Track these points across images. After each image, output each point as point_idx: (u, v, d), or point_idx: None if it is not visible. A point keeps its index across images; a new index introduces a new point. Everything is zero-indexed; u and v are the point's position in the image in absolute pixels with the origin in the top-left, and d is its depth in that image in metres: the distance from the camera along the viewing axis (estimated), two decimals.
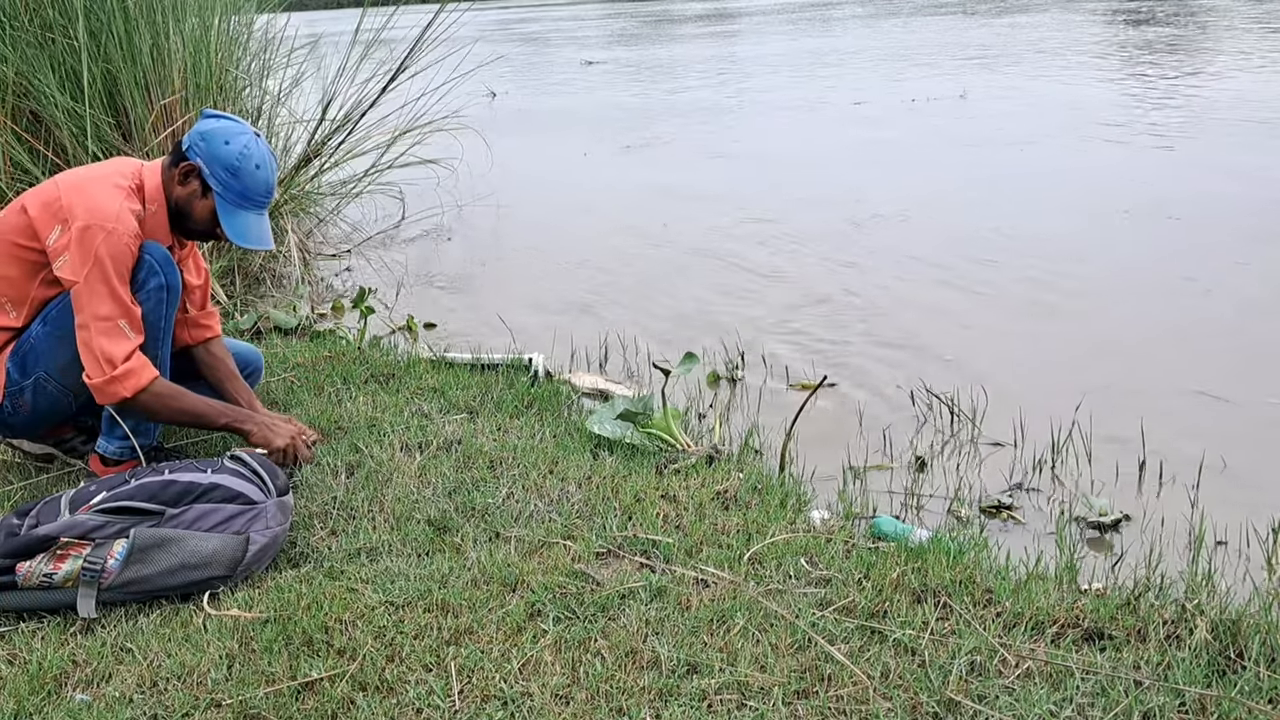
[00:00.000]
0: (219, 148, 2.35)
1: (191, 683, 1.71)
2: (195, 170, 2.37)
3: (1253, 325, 3.59)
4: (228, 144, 2.35)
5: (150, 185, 2.42)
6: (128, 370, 2.23)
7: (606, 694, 1.64)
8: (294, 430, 2.45)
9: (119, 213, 2.28)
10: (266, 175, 2.40)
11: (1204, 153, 6.28)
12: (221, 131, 2.37)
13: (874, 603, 1.87)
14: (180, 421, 2.44)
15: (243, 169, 2.35)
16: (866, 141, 7.54)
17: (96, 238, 2.22)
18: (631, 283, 4.54)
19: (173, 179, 2.40)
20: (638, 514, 2.24)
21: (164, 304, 2.35)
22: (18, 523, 1.99)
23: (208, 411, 2.40)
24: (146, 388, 2.25)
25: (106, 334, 2.22)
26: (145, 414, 2.34)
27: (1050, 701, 1.60)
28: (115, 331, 2.23)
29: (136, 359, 2.25)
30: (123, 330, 2.24)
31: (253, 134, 2.40)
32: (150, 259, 2.32)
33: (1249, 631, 1.73)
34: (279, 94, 5.23)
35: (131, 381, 2.24)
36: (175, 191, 2.41)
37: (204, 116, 2.43)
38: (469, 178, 5.79)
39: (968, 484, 2.61)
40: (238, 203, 2.37)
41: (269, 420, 2.45)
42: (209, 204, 2.38)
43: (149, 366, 2.27)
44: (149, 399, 2.27)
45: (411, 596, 1.92)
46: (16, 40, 3.92)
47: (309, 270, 4.74)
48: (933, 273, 4.35)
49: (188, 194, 2.40)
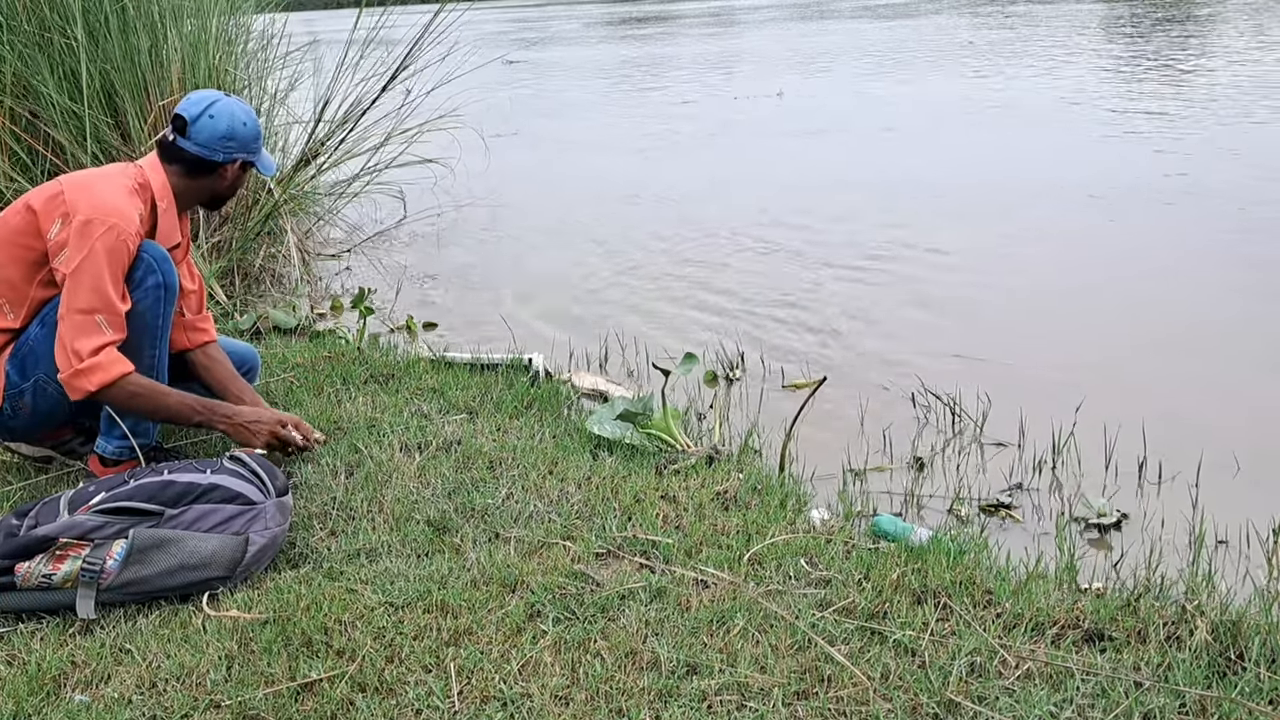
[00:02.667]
0: (239, 130, 2.50)
1: (190, 684, 1.71)
2: (248, 163, 2.57)
3: (1253, 326, 3.59)
4: (245, 125, 2.52)
5: (156, 183, 2.44)
6: (94, 364, 2.21)
7: (606, 695, 1.64)
8: (272, 420, 2.42)
9: (123, 209, 2.29)
10: (252, 115, 2.59)
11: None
12: (226, 119, 2.49)
13: (874, 603, 1.87)
14: (154, 419, 2.42)
15: (253, 130, 2.55)
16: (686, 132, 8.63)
17: (96, 231, 2.22)
18: (635, 282, 4.55)
19: (218, 180, 2.53)
20: (637, 514, 2.23)
21: (162, 302, 2.34)
22: (16, 523, 1.98)
23: (181, 409, 2.37)
24: (114, 383, 2.23)
25: (79, 327, 2.21)
26: (117, 409, 2.34)
27: (1050, 702, 1.60)
28: (90, 325, 2.22)
29: (106, 354, 2.22)
30: (98, 325, 2.22)
31: (229, 98, 2.54)
32: (149, 257, 2.32)
33: (1249, 632, 1.73)
34: (276, 94, 5.23)
35: (97, 376, 2.21)
36: (218, 186, 2.56)
37: (191, 122, 2.44)
38: (466, 176, 5.79)
39: (968, 484, 2.61)
40: (259, 151, 2.60)
41: (242, 419, 2.40)
42: (248, 172, 2.62)
43: (120, 363, 2.24)
44: (117, 394, 2.25)
45: (411, 597, 1.92)
46: (15, 41, 3.92)
47: (308, 270, 4.74)
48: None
49: (233, 180, 2.58)
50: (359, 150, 5.07)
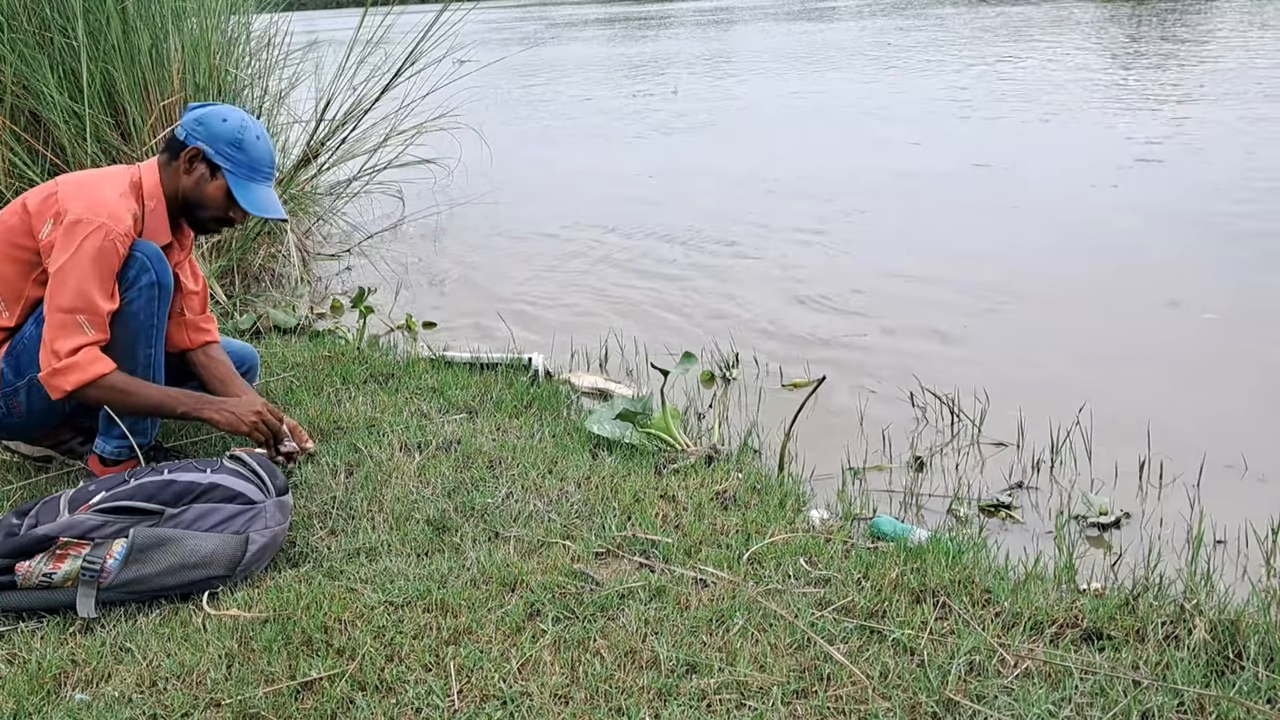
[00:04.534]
0: (218, 126, 2.39)
1: (191, 682, 1.71)
2: (199, 154, 2.39)
3: (1254, 327, 3.59)
4: (225, 121, 2.39)
5: (149, 183, 2.43)
6: (71, 364, 2.21)
7: (606, 694, 1.64)
8: (259, 405, 2.41)
9: (113, 209, 2.28)
10: (268, 145, 2.45)
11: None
12: (215, 113, 2.42)
13: (873, 603, 1.87)
14: (139, 414, 2.41)
15: (245, 140, 2.39)
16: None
17: (84, 231, 2.23)
18: (634, 281, 4.55)
19: (176, 171, 2.42)
20: (637, 514, 2.24)
21: (155, 300, 2.34)
22: (17, 522, 1.99)
23: (165, 401, 2.37)
24: (93, 382, 2.23)
25: (60, 326, 2.22)
26: (100, 405, 2.34)
27: (1049, 701, 1.60)
28: (70, 325, 2.22)
29: (85, 354, 2.23)
30: (79, 325, 2.22)
31: (242, 111, 2.45)
32: (142, 256, 2.31)
33: (1248, 631, 1.73)
34: (278, 94, 5.23)
35: (75, 375, 2.22)
36: (181, 183, 2.42)
37: (190, 110, 2.45)
38: (466, 176, 5.79)
39: (967, 483, 2.61)
40: (249, 175, 2.41)
41: (228, 405, 2.40)
42: (220, 184, 2.41)
43: (99, 362, 2.24)
44: (98, 393, 2.26)
45: (411, 596, 1.92)
46: (15, 40, 3.92)
47: (308, 270, 4.74)
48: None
49: (195, 180, 2.41)
50: (359, 150, 5.08)
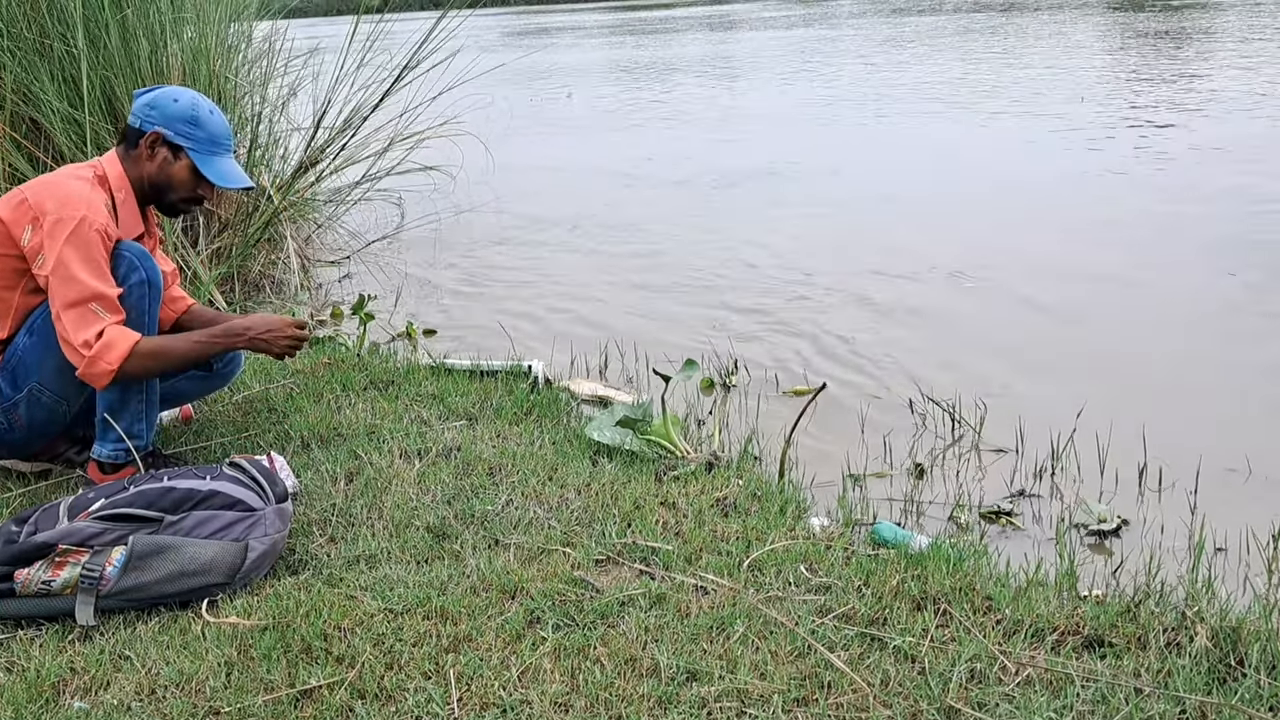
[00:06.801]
0: (171, 107, 2.43)
1: (190, 690, 1.71)
2: (159, 137, 2.43)
3: (1254, 329, 3.59)
4: (176, 101, 2.45)
5: (113, 175, 2.45)
6: (102, 346, 2.23)
7: (606, 701, 1.64)
8: (286, 323, 2.50)
9: (90, 200, 2.30)
10: (221, 118, 2.50)
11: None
12: (165, 94, 2.46)
13: (874, 610, 1.86)
14: (182, 368, 2.49)
15: (200, 116, 2.44)
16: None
17: (68, 228, 2.24)
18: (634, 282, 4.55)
19: (138, 159, 2.45)
20: (637, 521, 2.23)
21: (146, 299, 2.36)
22: (16, 530, 1.98)
23: (197, 348, 2.43)
24: (130, 355, 2.25)
25: (75, 320, 2.23)
26: (144, 377, 2.36)
27: (1050, 709, 1.59)
28: (85, 315, 2.24)
29: (110, 332, 2.24)
30: (94, 312, 2.24)
31: (190, 89, 2.50)
32: (130, 255, 2.33)
33: (1249, 639, 1.73)
34: (278, 101, 5.23)
35: (112, 354, 2.24)
36: (145, 169, 2.45)
37: (138, 96, 2.48)
38: (467, 183, 5.79)
39: (967, 490, 2.61)
40: (210, 149, 2.46)
41: (257, 333, 2.48)
42: (185, 164, 2.45)
43: (126, 334, 2.26)
44: (137, 364, 2.28)
45: (410, 604, 1.91)
46: (15, 48, 3.93)
47: (308, 277, 4.74)
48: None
49: (159, 164, 2.45)
50: (359, 157, 5.08)
